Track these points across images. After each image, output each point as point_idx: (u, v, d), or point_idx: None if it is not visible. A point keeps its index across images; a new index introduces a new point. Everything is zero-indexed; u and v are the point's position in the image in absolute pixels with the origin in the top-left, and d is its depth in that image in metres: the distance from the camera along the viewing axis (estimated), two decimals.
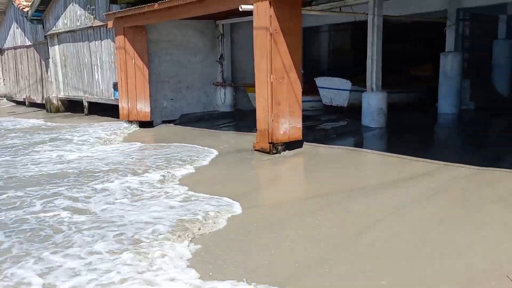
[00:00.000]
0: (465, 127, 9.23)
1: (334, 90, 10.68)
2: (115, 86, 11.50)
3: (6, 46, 18.69)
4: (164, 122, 11.31)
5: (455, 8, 9.71)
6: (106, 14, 10.58)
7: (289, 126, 7.06)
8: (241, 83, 12.67)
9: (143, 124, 10.73)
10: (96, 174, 6.20)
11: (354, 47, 15.13)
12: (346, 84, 10.39)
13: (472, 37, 10.71)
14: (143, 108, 10.62)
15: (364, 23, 13.36)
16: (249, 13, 11.32)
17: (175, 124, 11.01)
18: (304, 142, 7.32)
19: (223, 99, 12.33)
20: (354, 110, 10.61)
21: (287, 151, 7.08)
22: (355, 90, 10.39)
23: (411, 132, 8.36)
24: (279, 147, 7.03)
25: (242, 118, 11.92)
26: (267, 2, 6.62)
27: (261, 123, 7.03)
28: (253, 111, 12.82)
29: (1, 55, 19.40)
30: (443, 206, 4.42)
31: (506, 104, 11.45)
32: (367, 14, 8.37)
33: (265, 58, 6.80)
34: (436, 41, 16.68)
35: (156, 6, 8.71)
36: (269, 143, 6.94)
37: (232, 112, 12.39)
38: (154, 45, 10.99)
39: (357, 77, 11.62)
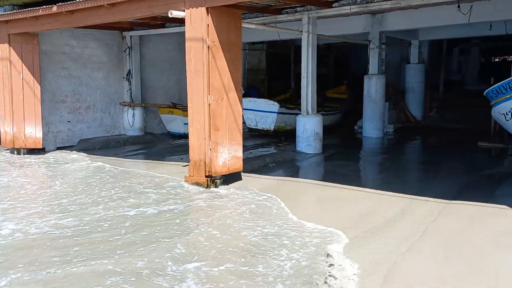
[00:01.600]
0: (395, 152, 9.05)
1: (260, 112, 9.89)
2: None
3: None
4: (59, 148, 9.41)
5: (378, 31, 9.64)
6: None
7: (229, 155, 6.00)
8: (151, 103, 11.26)
9: (32, 152, 8.74)
10: None
11: (269, 67, 14.68)
12: (273, 106, 9.68)
13: (388, 61, 10.81)
14: (33, 132, 8.65)
15: (276, 42, 13.02)
16: (163, 24, 10.26)
17: (76, 151, 9.19)
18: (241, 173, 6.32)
19: (131, 121, 10.79)
20: (281, 134, 9.94)
21: (226, 185, 6.00)
22: (282, 112, 9.73)
23: (350, 159, 7.89)
24: (218, 181, 5.91)
25: (154, 143, 10.51)
26: (203, 8, 5.57)
27: (196, 152, 5.86)
28: (166, 135, 11.64)
29: None
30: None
31: (418, 125, 11.81)
32: (301, 31, 7.76)
33: (201, 75, 5.69)
34: (345, 63, 17.23)
35: (54, 8, 7.06)
36: (206, 176, 5.79)
37: (142, 136, 10.89)
38: (48, 58, 9.14)
39: (275, 98, 11.07)
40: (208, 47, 5.63)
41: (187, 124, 10.79)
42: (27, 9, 7.67)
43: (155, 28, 10.08)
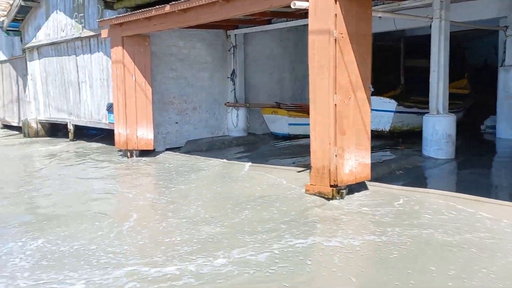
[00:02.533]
0: None
1: (373, 111, 8.98)
2: (109, 108, 9.58)
3: None
4: (167, 150, 9.42)
5: None
6: (100, 21, 8.73)
7: (356, 162, 5.30)
8: (255, 102, 10.92)
9: (143, 153, 8.82)
10: None
11: (375, 61, 13.61)
12: (390, 104, 8.74)
13: None
14: (145, 134, 8.71)
15: (383, 34, 11.91)
16: (269, 20, 9.83)
17: (181, 153, 9.12)
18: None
19: (235, 122, 10.54)
20: (397, 135, 8.98)
21: (350, 194, 5.31)
22: (400, 111, 8.76)
23: (493, 167, 6.74)
24: (343, 191, 5.24)
25: (258, 144, 10.14)
26: None
27: (319, 158, 5.24)
28: (269, 135, 11.24)
29: None
30: None
31: None
32: (431, 18, 6.76)
33: (326, 72, 5.06)
34: (463, 54, 15.47)
35: (167, 8, 6.92)
36: (331, 185, 5.15)
37: (245, 137, 10.60)
38: (157, 59, 9.17)
39: (384, 95, 10.07)
40: (335, 39, 4.97)
41: (291, 124, 10.41)
42: (140, 11, 7.66)
43: (261, 25, 9.67)
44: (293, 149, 9.07)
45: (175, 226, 4.58)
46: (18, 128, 14.30)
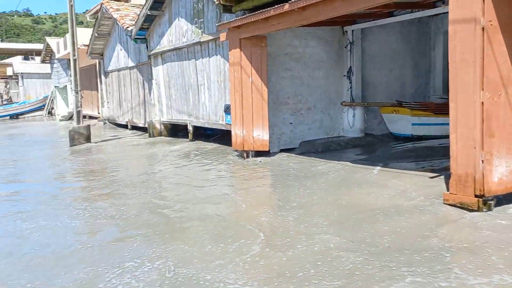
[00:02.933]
0: None
1: None
2: (227, 109, 9.80)
3: (110, 68, 18.36)
4: (281, 151, 9.33)
5: None
6: (219, 25, 8.95)
7: (507, 169, 4.56)
8: (373, 101, 10.32)
9: (259, 154, 8.83)
10: None
11: None
12: None
13: None
14: (261, 135, 8.71)
15: None
16: (391, 13, 9.11)
17: (296, 154, 8.94)
18: None
19: (351, 122, 10.07)
20: None
21: (498, 206, 4.59)
22: None
23: None
24: (491, 202, 4.55)
25: (376, 146, 9.55)
26: None
27: (461, 164, 4.61)
28: (388, 136, 10.56)
29: (106, 77, 19.16)
30: None
31: None
32: None
33: (471, 65, 4.42)
34: None
35: (286, 7, 6.77)
36: (476, 195, 4.49)
37: (362, 138, 10.06)
38: (272, 60, 9.12)
39: None
40: (483, 28, 4.32)
41: (415, 124, 9.59)
42: (258, 12, 7.64)
43: (381, 18, 9.06)
44: (418, 152, 8.33)
45: (305, 252, 3.88)
46: (143, 129, 15.49)
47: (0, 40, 62.27)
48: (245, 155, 8.78)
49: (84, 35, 19.02)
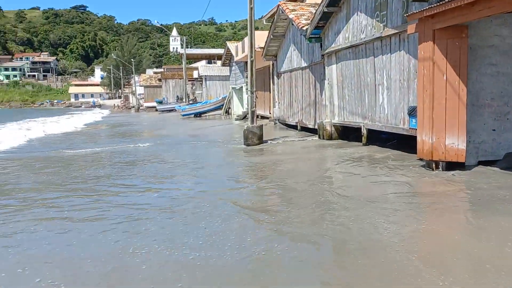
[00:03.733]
0: None
1: None
2: (411, 112, 8.61)
3: (282, 69, 18.59)
4: (479, 163, 7.73)
5: None
6: (408, 15, 7.83)
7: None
8: None
9: (450, 166, 7.44)
10: None
11: None
12: None
13: None
14: (455, 143, 7.32)
15: None
16: None
17: (502, 169, 7.26)
18: None
19: None
20: None
21: None
22: None
23: None
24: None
25: None
26: None
27: None
28: None
29: (278, 78, 19.51)
30: None
31: None
32: None
33: None
34: None
35: None
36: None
37: None
38: (471, 53, 7.59)
39: None
40: None
41: None
42: None
43: None
44: None
45: None
46: (313, 130, 15.15)
47: (189, 47, 70.69)
48: (433, 166, 7.50)
49: (259, 38, 19.68)
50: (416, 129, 8.00)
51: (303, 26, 13.98)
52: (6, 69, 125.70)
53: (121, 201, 6.74)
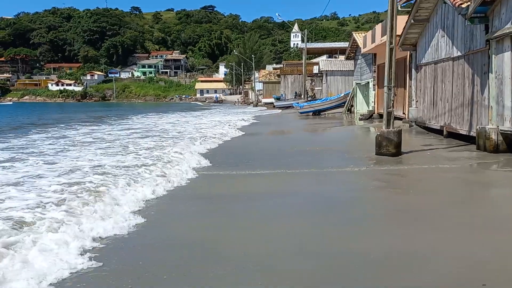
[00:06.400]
0: None
1: None
2: None
3: (424, 61, 15.30)
4: None
5: None
6: None
7: None
8: None
9: None
10: None
11: None
12: None
13: None
14: None
15: None
16: None
17: None
18: None
19: None
20: None
21: None
22: None
23: None
24: None
25: None
26: None
27: None
28: None
29: (417, 72, 16.22)
30: None
31: None
32: None
33: None
34: None
35: None
36: None
37: None
38: None
39: None
40: None
41: None
42: None
43: None
44: None
45: None
46: (467, 138, 11.82)
47: (310, 42, 68.54)
48: None
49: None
50: None
51: (461, 4, 10.74)
52: (143, 66, 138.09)
53: None
